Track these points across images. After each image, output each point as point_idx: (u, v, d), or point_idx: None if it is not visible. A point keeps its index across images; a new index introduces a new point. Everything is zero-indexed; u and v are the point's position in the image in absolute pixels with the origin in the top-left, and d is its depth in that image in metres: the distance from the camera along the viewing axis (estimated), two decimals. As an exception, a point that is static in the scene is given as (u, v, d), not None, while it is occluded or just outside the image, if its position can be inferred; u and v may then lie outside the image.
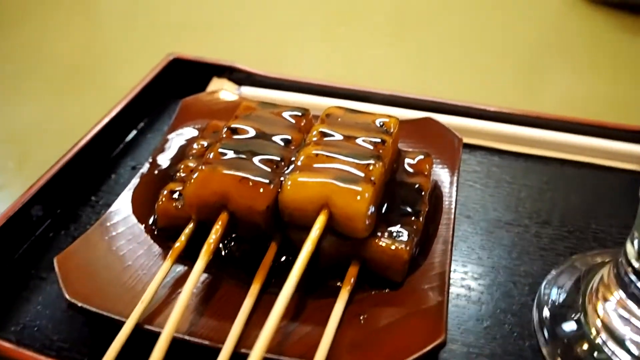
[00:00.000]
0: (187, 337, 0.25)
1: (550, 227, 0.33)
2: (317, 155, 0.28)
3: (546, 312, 0.28)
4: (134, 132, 0.41)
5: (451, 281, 0.29)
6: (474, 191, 0.36)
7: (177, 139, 0.37)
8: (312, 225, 0.27)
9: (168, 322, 0.24)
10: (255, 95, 0.43)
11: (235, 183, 0.27)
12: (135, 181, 0.34)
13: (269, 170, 0.28)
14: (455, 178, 0.33)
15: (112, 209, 0.32)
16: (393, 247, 0.27)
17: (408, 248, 0.27)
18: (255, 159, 0.29)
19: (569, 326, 0.27)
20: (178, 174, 0.32)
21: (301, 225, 0.28)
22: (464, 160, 0.37)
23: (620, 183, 0.36)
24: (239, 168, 0.28)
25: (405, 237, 0.28)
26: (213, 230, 0.27)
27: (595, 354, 0.26)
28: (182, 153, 0.35)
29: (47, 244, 0.32)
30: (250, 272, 0.28)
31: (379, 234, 0.28)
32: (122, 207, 0.32)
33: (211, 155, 0.29)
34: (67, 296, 0.26)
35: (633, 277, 0.25)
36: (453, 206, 0.31)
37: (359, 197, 0.26)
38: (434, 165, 0.34)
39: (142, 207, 0.32)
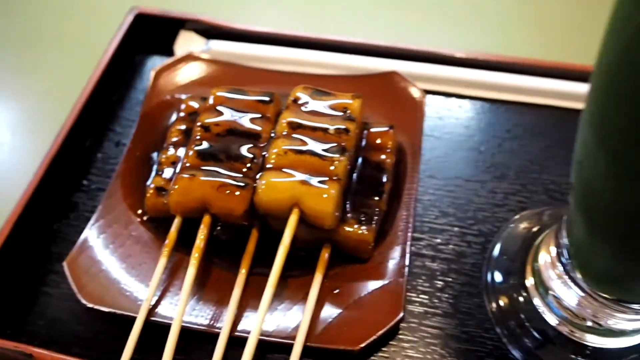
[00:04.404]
0: (190, 326, 0.30)
1: (506, 181, 0.36)
2: (286, 152, 0.31)
3: (492, 272, 0.33)
4: (111, 101, 0.42)
5: (411, 248, 0.33)
6: (437, 145, 0.38)
7: (154, 116, 0.39)
8: (286, 216, 0.30)
9: (176, 316, 0.29)
10: (225, 51, 0.43)
11: (213, 191, 0.30)
12: (122, 166, 0.36)
13: (242, 172, 0.31)
14: (418, 140, 0.36)
15: (105, 198, 0.35)
16: (359, 232, 0.31)
17: (372, 232, 0.31)
18: (229, 161, 0.31)
19: (510, 285, 0.32)
20: (161, 164, 0.35)
21: (277, 217, 0.31)
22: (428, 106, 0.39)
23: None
24: (215, 173, 0.30)
25: (369, 221, 0.31)
26: (199, 234, 0.30)
27: (531, 312, 0.31)
28: (161, 134, 0.37)
29: (52, 235, 0.36)
30: (236, 253, 0.32)
31: (346, 219, 0.31)
32: (114, 195, 0.35)
33: (187, 161, 0.31)
34: (83, 301, 0.30)
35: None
36: (416, 181, 0.35)
37: (325, 196, 0.29)
38: (398, 124, 0.36)
39: (132, 196, 0.35)
